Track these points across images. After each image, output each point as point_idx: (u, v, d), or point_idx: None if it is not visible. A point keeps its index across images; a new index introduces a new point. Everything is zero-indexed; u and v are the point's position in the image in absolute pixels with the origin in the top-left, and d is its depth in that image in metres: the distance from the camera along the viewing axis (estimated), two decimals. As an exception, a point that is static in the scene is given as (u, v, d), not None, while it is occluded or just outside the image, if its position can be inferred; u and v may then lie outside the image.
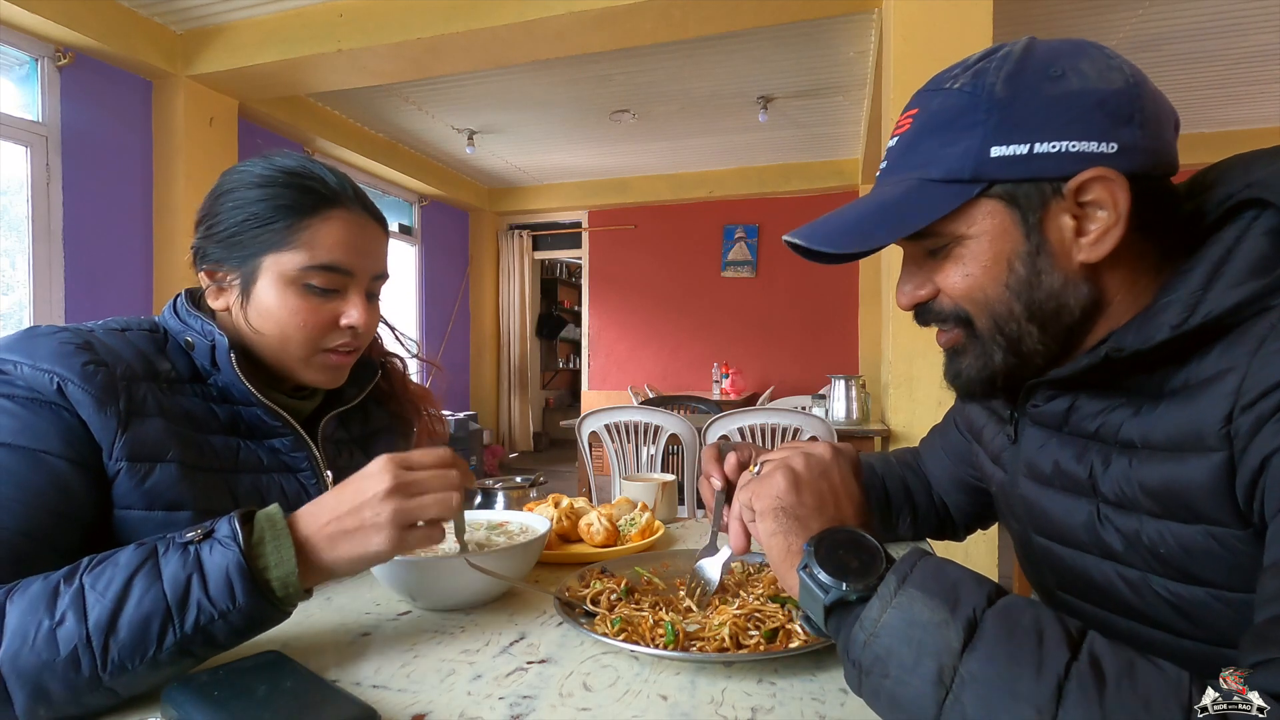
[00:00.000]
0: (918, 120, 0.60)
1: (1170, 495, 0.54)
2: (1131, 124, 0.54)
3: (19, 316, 3.31)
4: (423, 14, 3.28)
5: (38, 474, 0.64)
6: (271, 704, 0.51)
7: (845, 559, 0.52)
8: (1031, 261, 0.57)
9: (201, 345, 0.79)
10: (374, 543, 0.61)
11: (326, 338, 0.83)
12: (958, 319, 0.62)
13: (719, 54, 3.88)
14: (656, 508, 1.17)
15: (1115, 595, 0.61)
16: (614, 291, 6.81)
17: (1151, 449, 0.55)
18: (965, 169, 0.56)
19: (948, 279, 0.61)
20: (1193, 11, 3.29)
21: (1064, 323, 0.59)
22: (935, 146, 0.58)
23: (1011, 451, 0.70)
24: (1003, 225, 0.57)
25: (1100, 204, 0.55)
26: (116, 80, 3.56)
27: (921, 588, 0.47)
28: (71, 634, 0.53)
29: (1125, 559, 0.59)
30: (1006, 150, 0.55)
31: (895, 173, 0.61)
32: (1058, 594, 0.69)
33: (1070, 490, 0.62)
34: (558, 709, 0.54)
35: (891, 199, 0.59)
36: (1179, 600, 0.56)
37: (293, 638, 0.68)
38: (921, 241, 0.61)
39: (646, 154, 5.79)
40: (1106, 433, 0.59)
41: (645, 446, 2.89)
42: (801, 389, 5.51)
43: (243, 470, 0.80)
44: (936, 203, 0.57)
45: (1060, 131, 0.54)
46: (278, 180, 0.81)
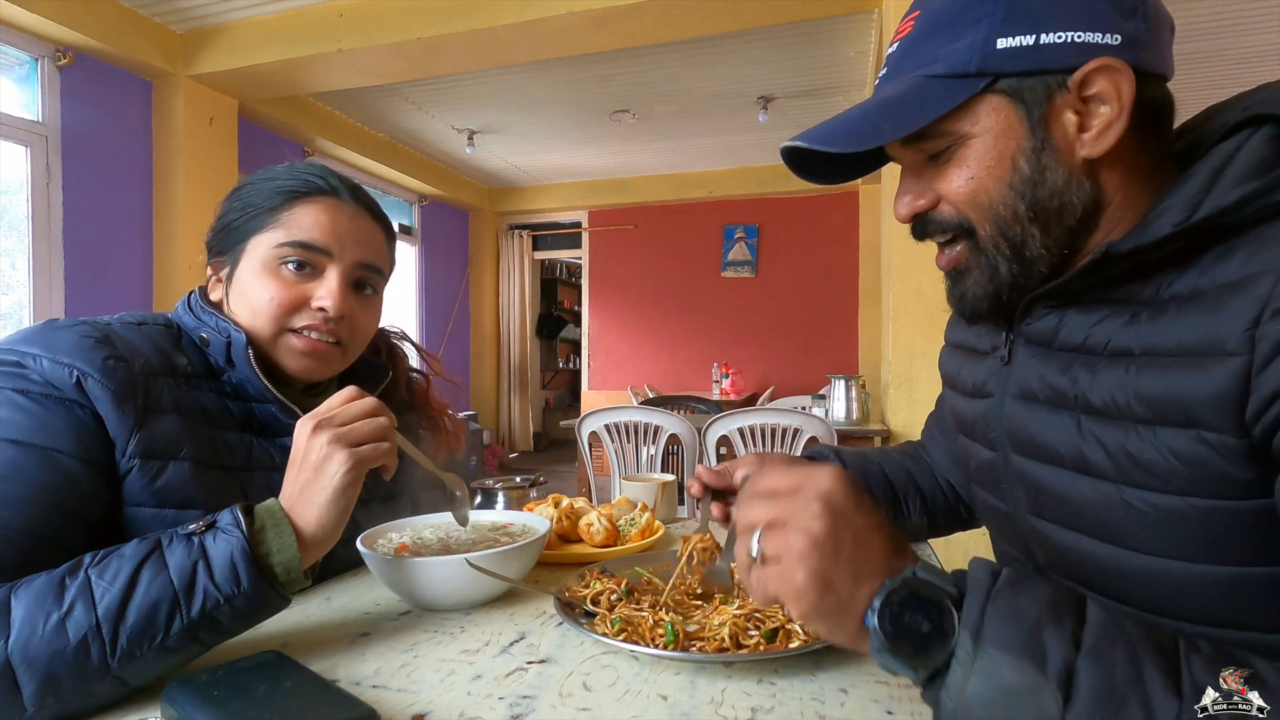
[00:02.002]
0: (920, 21, 0.59)
1: (1170, 400, 0.52)
2: (1135, 16, 0.55)
3: (19, 316, 3.31)
4: (423, 14, 3.28)
5: (48, 473, 0.64)
6: (271, 704, 0.51)
7: (914, 625, 0.45)
8: (1036, 158, 0.57)
9: (217, 341, 0.80)
10: (332, 469, 0.64)
11: (294, 317, 0.81)
12: (960, 228, 0.61)
13: (719, 54, 3.88)
14: (656, 508, 1.17)
15: (1087, 513, 0.60)
16: (614, 291, 6.81)
17: (1154, 355, 0.54)
18: (971, 63, 0.55)
19: (950, 184, 0.60)
20: (1193, 11, 3.29)
21: (1066, 223, 0.58)
22: (939, 44, 0.57)
23: (1001, 374, 0.69)
24: (1007, 121, 0.57)
25: (1104, 97, 0.55)
26: (116, 80, 3.56)
27: (1001, 645, 0.42)
28: (81, 623, 0.54)
29: (1102, 471, 0.58)
30: (1013, 41, 0.54)
31: (897, 75, 0.60)
32: (1027, 519, 0.68)
33: (1055, 404, 0.62)
34: (558, 709, 0.54)
35: (894, 97, 0.58)
36: (1151, 509, 0.55)
37: (293, 638, 0.68)
38: (922, 145, 0.60)
39: (646, 154, 5.79)
40: (1094, 343, 0.58)
41: (645, 446, 2.89)
42: (801, 389, 5.51)
43: (255, 468, 0.81)
44: (942, 98, 0.56)
45: (1067, 21, 0.54)
46: (278, 174, 0.84)
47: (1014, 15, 0.55)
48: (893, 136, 0.57)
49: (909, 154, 0.63)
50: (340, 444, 0.65)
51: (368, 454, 0.67)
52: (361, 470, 0.66)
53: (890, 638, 0.45)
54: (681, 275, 6.56)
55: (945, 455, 0.94)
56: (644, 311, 6.70)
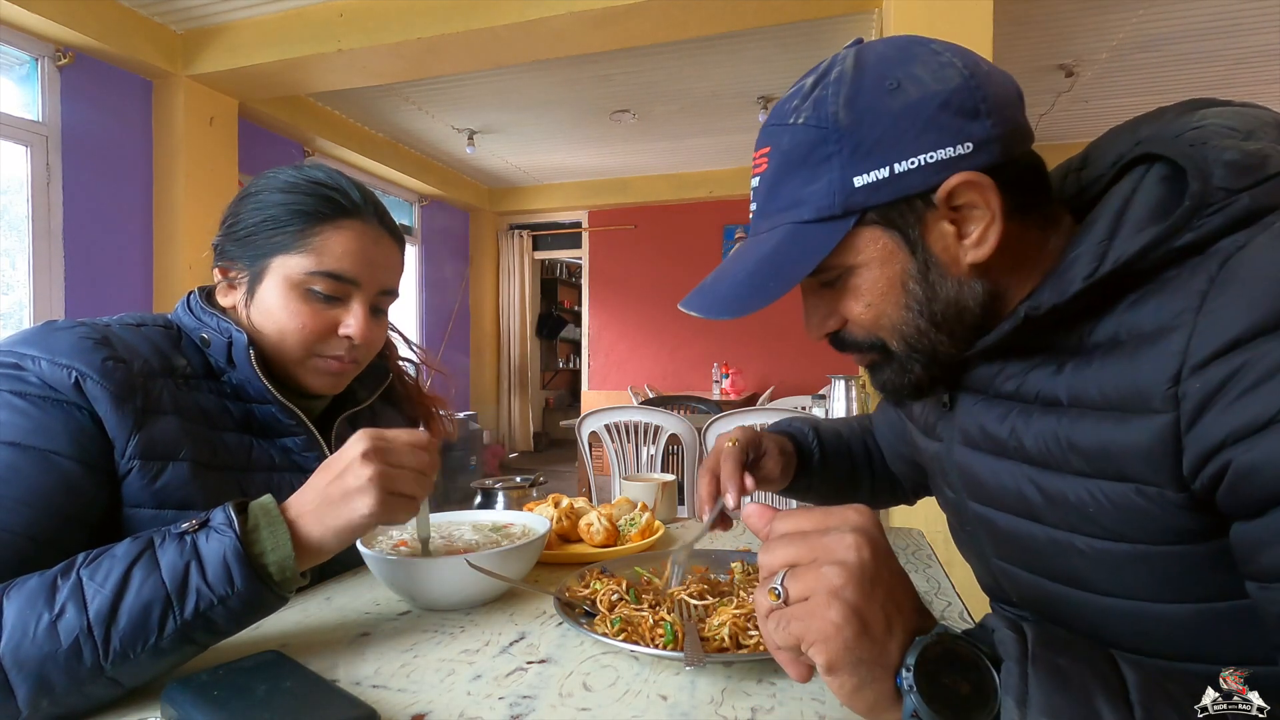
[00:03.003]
0: (773, 159, 0.60)
1: (1103, 454, 0.53)
2: (979, 117, 0.54)
3: (19, 316, 3.31)
4: (423, 14, 3.28)
5: (47, 475, 0.64)
6: (271, 704, 0.51)
7: (954, 686, 0.42)
8: (923, 277, 0.58)
9: (218, 342, 0.80)
10: (358, 506, 0.62)
11: (322, 344, 0.83)
12: (873, 346, 0.63)
13: (719, 54, 3.87)
14: (656, 508, 1.17)
15: (1044, 557, 0.61)
16: (614, 291, 6.81)
17: (1083, 407, 0.54)
18: (835, 205, 0.56)
19: (851, 310, 0.61)
20: (1193, 11, 3.29)
21: (967, 323, 0.59)
22: (797, 186, 0.58)
23: (947, 419, 0.70)
24: (886, 249, 0.57)
25: (973, 204, 0.55)
26: (116, 80, 3.56)
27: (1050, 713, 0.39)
28: (73, 625, 0.53)
29: (1050, 520, 0.59)
30: (868, 178, 0.55)
31: (766, 218, 0.61)
32: (993, 561, 0.68)
33: (996, 453, 0.63)
34: (558, 709, 0.54)
35: (771, 250, 0.59)
36: (1102, 557, 0.55)
37: (293, 638, 0.68)
38: (814, 277, 0.61)
39: (646, 154, 5.78)
40: (1026, 392, 0.59)
41: (645, 446, 2.89)
42: (801, 389, 5.51)
43: (255, 469, 0.80)
44: (817, 243, 0.57)
45: (913, 146, 0.54)
46: (300, 187, 0.82)
47: (861, 151, 0.55)
48: (781, 293, 0.58)
49: (807, 283, 0.64)
50: (380, 485, 0.63)
51: (397, 506, 0.65)
52: (384, 519, 0.65)
53: (928, 700, 0.41)
54: (681, 275, 6.55)
55: (889, 449, 0.97)
56: (644, 311, 6.70)
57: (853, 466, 0.97)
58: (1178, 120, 0.58)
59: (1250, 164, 0.50)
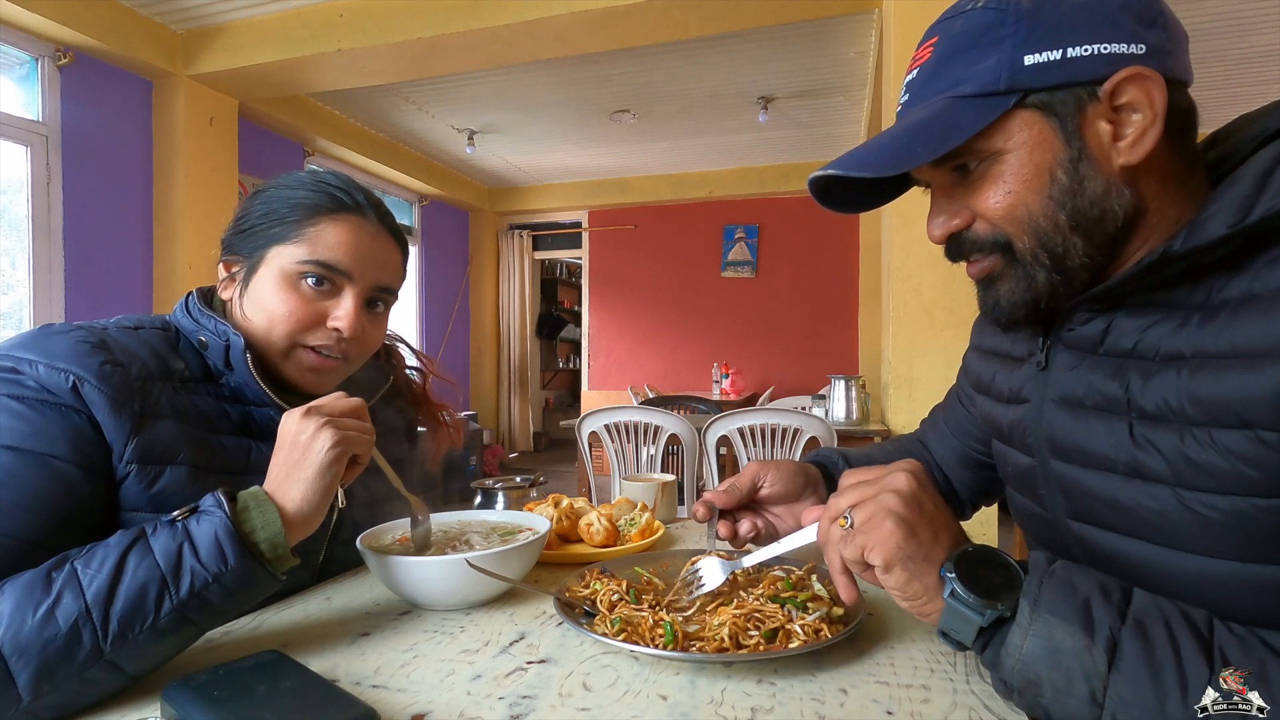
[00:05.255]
0: (939, 47, 0.60)
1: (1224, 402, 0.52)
2: (1156, 26, 0.56)
3: (19, 316, 3.31)
4: (423, 14, 3.28)
5: (46, 479, 0.64)
6: (271, 704, 0.51)
7: (988, 576, 0.52)
8: (1074, 168, 0.57)
9: (215, 345, 0.79)
10: (317, 447, 0.66)
11: (309, 334, 0.82)
12: (996, 244, 0.61)
13: (719, 54, 3.88)
14: (656, 508, 1.17)
15: (1139, 517, 0.59)
16: (614, 291, 6.81)
17: (1207, 358, 0.53)
18: (1000, 80, 0.56)
19: (986, 201, 0.60)
20: (1193, 11, 3.29)
21: (1108, 231, 0.58)
22: (965, 65, 0.57)
23: (1039, 380, 0.69)
24: (1041, 135, 0.57)
25: (1135, 106, 0.55)
26: (116, 80, 3.56)
27: (1055, 612, 0.48)
28: (70, 609, 0.54)
29: (1157, 475, 0.57)
30: (1040, 57, 0.55)
31: (920, 100, 0.60)
32: (1069, 524, 0.67)
33: (1105, 409, 0.61)
34: (557, 709, 0.54)
35: (924, 120, 0.58)
36: (1211, 511, 0.54)
37: (293, 638, 0.68)
38: (954, 165, 0.60)
39: (646, 154, 5.79)
40: (1145, 348, 0.58)
41: (645, 446, 2.89)
42: (801, 389, 5.51)
43: (254, 472, 0.80)
44: (973, 117, 0.56)
45: (1091, 34, 0.55)
46: (306, 184, 0.83)
47: (1038, 32, 0.55)
48: (927, 159, 0.57)
49: (939, 175, 0.63)
50: (329, 425, 0.67)
51: (353, 436, 0.69)
52: (346, 450, 0.68)
53: (966, 585, 0.51)
54: (681, 275, 6.56)
55: (951, 452, 0.95)
56: (644, 311, 6.70)
57: None
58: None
59: None
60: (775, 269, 6.29)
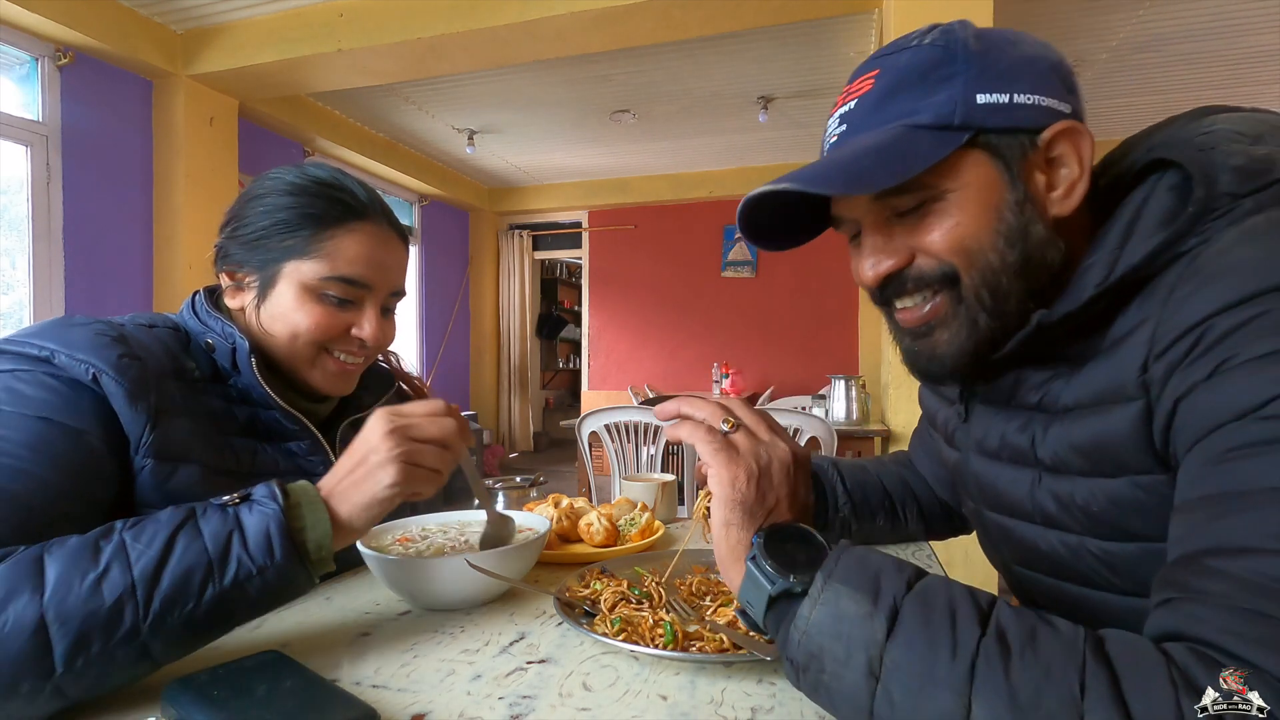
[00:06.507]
0: (882, 79, 0.59)
1: (1097, 450, 0.55)
2: (1074, 92, 0.59)
3: (19, 316, 3.31)
4: (423, 14, 3.28)
5: (76, 450, 0.65)
6: (271, 704, 0.51)
7: (793, 552, 0.52)
8: (1020, 210, 0.57)
9: (223, 347, 0.80)
10: (381, 479, 0.64)
11: (334, 343, 0.84)
12: (943, 278, 0.59)
13: (719, 54, 3.88)
14: (656, 508, 1.17)
15: (1060, 562, 0.61)
16: (614, 291, 6.81)
17: (1081, 409, 0.56)
18: (955, 114, 0.56)
19: (928, 236, 0.58)
20: (1193, 11, 3.29)
21: (1042, 280, 0.59)
22: (916, 98, 0.57)
23: (963, 430, 0.71)
24: (989, 176, 0.57)
25: (1064, 160, 0.57)
26: (116, 80, 3.56)
27: (845, 581, 0.47)
28: (118, 583, 0.53)
29: (1063, 524, 0.60)
30: (990, 98, 0.56)
31: (866, 129, 0.58)
32: (1014, 568, 0.69)
33: (1015, 462, 0.63)
34: (557, 709, 0.54)
35: (882, 144, 0.56)
36: (1112, 558, 0.57)
37: (293, 638, 0.68)
38: (895, 200, 0.59)
39: (646, 154, 5.79)
40: (1049, 402, 0.60)
41: (645, 446, 2.89)
42: (801, 389, 5.51)
43: (260, 473, 0.81)
44: (930, 147, 0.55)
45: (1033, 85, 0.57)
46: (308, 189, 0.83)
47: (989, 73, 0.56)
48: (889, 183, 0.55)
49: (874, 211, 0.61)
50: (402, 460, 0.65)
51: (420, 479, 0.67)
52: (406, 489, 0.66)
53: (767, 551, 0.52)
54: (681, 275, 6.56)
55: (931, 474, 0.96)
56: (644, 311, 6.70)
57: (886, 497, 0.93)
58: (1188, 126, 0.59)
59: (1256, 169, 0.51)
60: (775, 269, 6.29)
